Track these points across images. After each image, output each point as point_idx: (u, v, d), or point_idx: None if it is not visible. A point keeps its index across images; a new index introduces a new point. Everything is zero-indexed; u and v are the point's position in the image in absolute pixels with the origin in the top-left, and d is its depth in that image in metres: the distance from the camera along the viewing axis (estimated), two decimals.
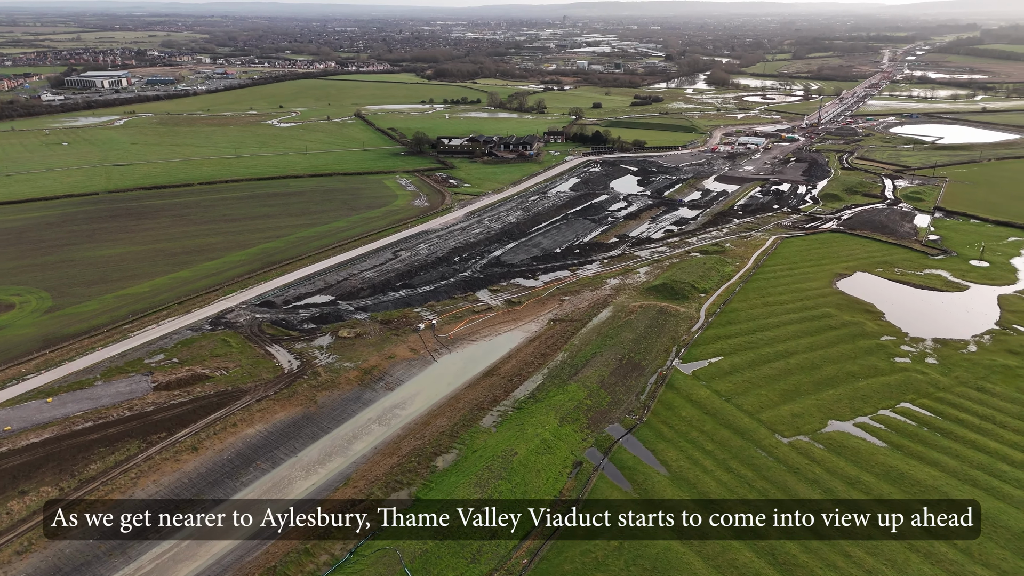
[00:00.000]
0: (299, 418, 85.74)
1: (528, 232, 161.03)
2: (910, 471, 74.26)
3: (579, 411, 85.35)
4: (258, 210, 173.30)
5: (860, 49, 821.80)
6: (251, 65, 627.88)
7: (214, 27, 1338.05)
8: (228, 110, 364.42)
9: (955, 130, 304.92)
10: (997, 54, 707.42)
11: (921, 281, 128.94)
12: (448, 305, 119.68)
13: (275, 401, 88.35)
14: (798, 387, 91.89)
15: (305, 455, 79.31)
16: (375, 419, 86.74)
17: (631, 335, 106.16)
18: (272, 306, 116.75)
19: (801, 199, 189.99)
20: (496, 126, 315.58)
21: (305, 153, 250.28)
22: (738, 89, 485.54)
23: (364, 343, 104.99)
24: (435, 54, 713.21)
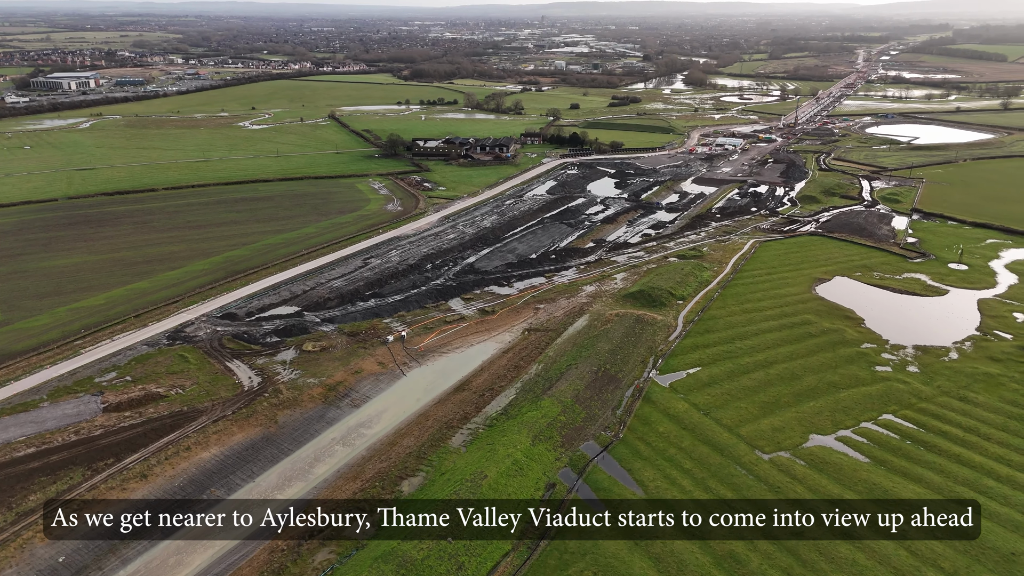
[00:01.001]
0: (258, 440, 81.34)
1: (503, 237, 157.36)
2: (894, 488, 71.64)
3: (553, 428, 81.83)
4: (225, 216, 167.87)
5: (835, 49, 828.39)
6: (224, 66, 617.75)
7: (188, 27, 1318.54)
8: (199, 112, 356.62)
9: (930, 130, 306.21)
10: (969, 54, 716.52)
11: (900, 285, 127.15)
12: (419, 315, 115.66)
13: (233, 422, 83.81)
14: (778, 399, 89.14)
15: (263, 480, 75.01)
16: (339, 439, 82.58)
17: (607, 345, 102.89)
18: (234, 318, 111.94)
19: (779, 201, 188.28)
20: (473, 127, 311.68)
21: (276, 156, 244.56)
22: (715, 89, 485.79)
23: (330, 357, 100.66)
24: (412, 54, 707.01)
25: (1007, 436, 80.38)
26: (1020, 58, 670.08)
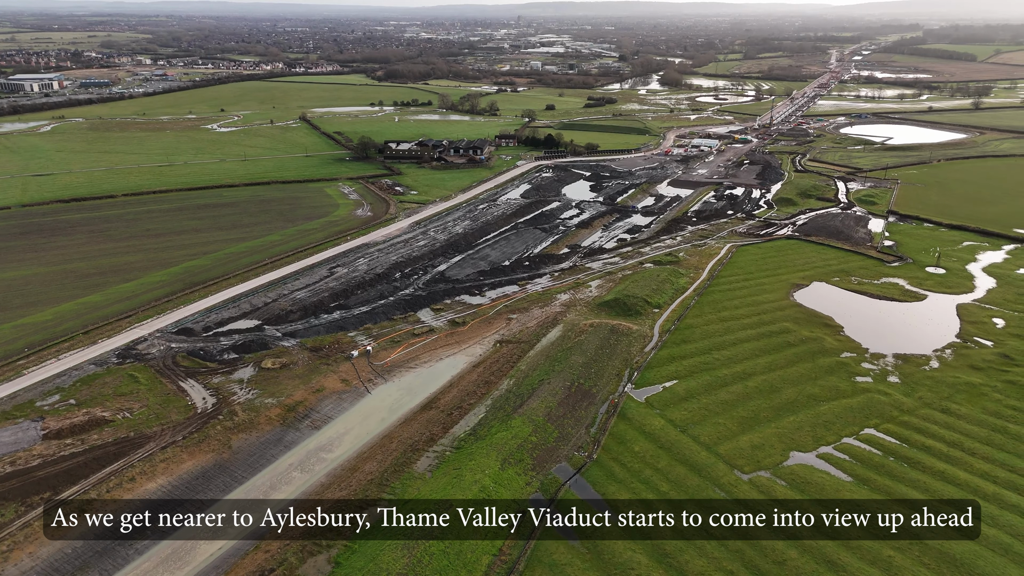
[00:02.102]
0: (210, 467, 76.31)
1: (475, 244, 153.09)
2: (878, 510, 68.49)
3: (523, 450, 77.78)
4: (186, 223, 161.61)
5: (808, 49, 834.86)
6: (194, 66, 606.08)
7: (158, 27, 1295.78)
8: (165, 114, 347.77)
9: (903, 130, 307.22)
10: (939, 53, 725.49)
11: (879, 291, 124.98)
12: (386, 328, 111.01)
13: (183, 448, 78.68)
14: (757, 414, 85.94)
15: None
16: (297, 465, 77.81)
17: (581, 358, 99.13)
18: (190, 334, 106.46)
19: (755, 204, 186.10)
20: (447, 129, 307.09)
21: (243, 160, 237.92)
22: (691, 89, 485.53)
23: (290, 375, 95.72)
24: (387, 54, 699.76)
25: (992, 451, 77.81)
26: (989, 58, 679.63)
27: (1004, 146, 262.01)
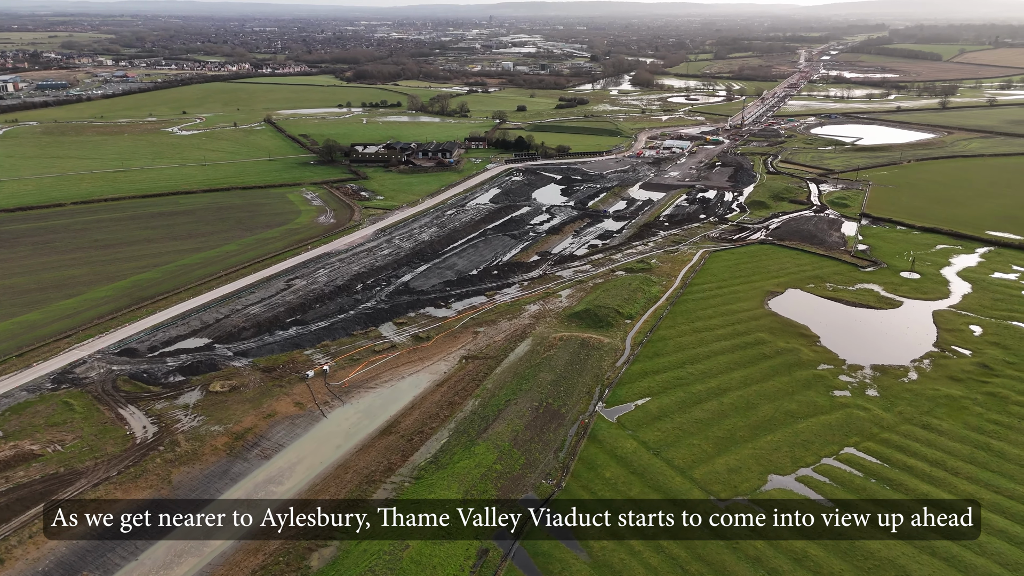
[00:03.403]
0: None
1: (442, 252, 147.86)
2: (861, 538, 64.85)
3: (487, 480, 72.87)
4: (138, 233, 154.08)
5: (778, 49, 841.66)
6: (157, 67, 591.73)
7: (122, 27, 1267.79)
8: (125, 117, 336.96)
9: (873, 130, 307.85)
10: (905, 53, 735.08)
11: (854, 298, 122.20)
12: (345, 344, 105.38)
13: (117, 485, 72.52)
14: (733, 433, 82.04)
15: (147, 558, 64.21)
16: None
17: (550, 376, 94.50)
18: (134, 354, 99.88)
19: (728, 207, 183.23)
20: (416, 131, 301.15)
21: (204, 165, 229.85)
22: (662, 90, 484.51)
23: (240, 398, 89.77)
24: (356, 55, 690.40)
25: (975, 470, 74.68)
26: (954, 57, 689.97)
27: (972, 146, 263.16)
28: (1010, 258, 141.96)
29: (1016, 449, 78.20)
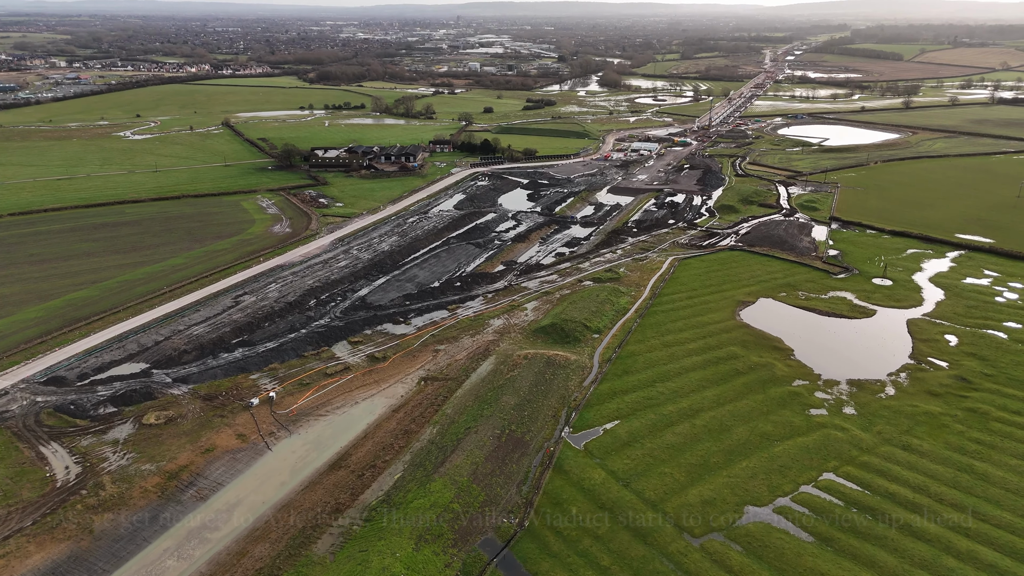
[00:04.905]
0: (63, 561, 63.10)
1: (403, 263, 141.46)
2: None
3: (443, 522, 66.96)
4: (77, 247, 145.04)
5: (743, 49, 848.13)
6: (112, 68, 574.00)
7: (79, 27, 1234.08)
8: (75, 120, 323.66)
9: (839, 130, 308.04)
10: (868, 53, 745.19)
11: (827, 307, 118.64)
12: (295, 367, 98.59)
13: (31, 537, 65.18)
14: (707, 459, 77.26)
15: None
16: (173, 550, 65.25)
17: (513, 399, 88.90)
18: (62, 384, 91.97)
19: (697, 212, 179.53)
20: (380, 134, 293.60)
21: (155, 171, 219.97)
22: (630, 91, 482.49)
23: (176, 431, 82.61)
24: (320, 56, 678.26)
25: (960, 495, 70.83)
26: (915, 57, 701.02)
27: (936, 146, 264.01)
28: (981, 262, 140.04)
29: (1000, 471, 74.62)
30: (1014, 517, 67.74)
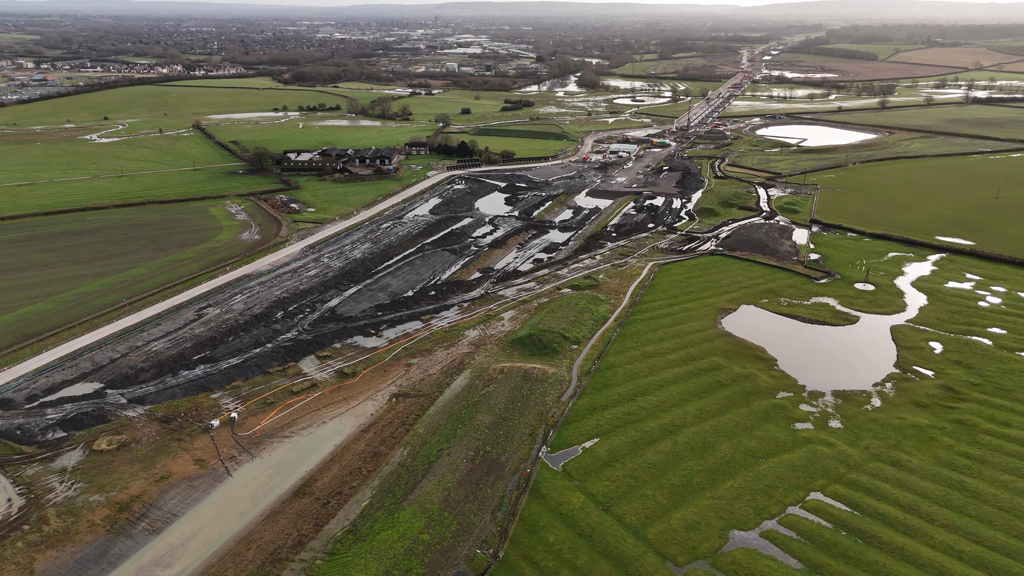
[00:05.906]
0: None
1: (375, 271, 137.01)
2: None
3: (412, 555, 62.97)
4: (34, 257, 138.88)
5: (721, 49, 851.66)
6: (81, 70, 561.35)
7: (49, 27, 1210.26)
8: (40, 123, 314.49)
9: (816, 131, 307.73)
10: (843, 53, 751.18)
11: (810, 313, 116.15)
12: (259, 384, 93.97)
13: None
14: (690, 479, 73.97)
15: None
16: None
17: (489, 417, 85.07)
18: (9, 406, 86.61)
19: (676, 215, 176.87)
20: (355, 136, 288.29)
21: (120, 176, 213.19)
22: (608, 91, 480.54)
23: (129, 457, 77.75)
24: (296, 56, 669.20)
25: (952, 515, 68.17)
26: (889, 57, 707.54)
27: (914, 146, 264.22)
28: (962, 265, 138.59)
29: (992, 488, 72.12)
30: (1008, 538, 65.18)
